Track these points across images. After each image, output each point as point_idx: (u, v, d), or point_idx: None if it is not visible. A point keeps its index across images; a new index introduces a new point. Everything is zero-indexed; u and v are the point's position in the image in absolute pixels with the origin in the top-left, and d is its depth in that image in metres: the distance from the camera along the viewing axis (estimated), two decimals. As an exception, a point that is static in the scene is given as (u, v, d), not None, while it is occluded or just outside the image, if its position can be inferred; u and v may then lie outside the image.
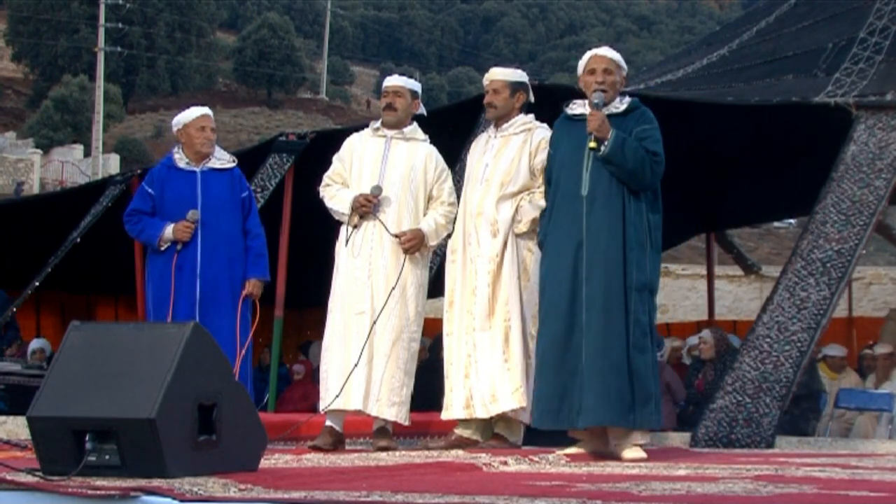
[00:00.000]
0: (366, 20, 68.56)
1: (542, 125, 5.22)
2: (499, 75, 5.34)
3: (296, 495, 2.70)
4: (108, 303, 13.11)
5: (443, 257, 5.68)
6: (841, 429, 8.35)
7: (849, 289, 12.34)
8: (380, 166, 5.36)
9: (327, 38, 57.82)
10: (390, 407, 5.15)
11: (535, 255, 5.05)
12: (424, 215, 5.37)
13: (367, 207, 5.26)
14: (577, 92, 4.92)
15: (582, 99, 4.83)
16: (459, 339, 5.15)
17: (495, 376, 5.02)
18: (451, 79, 60.63)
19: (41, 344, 10.75)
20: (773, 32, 10.38)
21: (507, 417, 5.08)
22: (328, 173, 5.51)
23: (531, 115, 5.34)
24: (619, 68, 4.82)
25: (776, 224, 30.56)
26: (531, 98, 5.36)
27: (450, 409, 5.16)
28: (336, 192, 5.41)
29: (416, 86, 5.56)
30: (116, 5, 41.50)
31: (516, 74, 5.39)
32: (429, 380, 5.92)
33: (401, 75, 5.70)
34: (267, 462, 3.84)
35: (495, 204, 5.15)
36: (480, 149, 5.35)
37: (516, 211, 5.14)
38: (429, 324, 5.72)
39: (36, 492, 2.75)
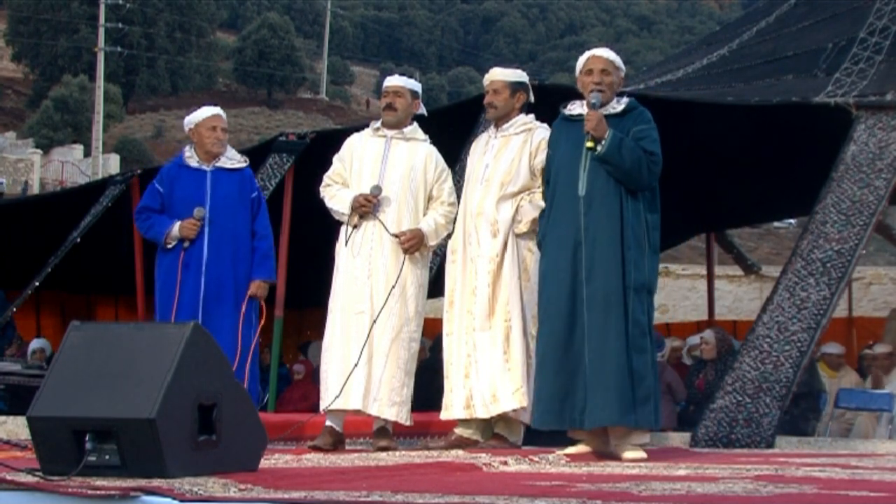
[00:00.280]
0: (366, 20, 68.56)
1: (543, 125, 5.21)
2: (499, 75, 5.34)
3: (296, 495, 2.70)
4: (108, 303, 13.11)
5: (443, 257, 5.68)
6: (841, 429, 8.35)
7: (849, 289, 12.33)
8: (380, 166, 5.37)
9: (327, 38, 57.81)
10: (390, 407, 5.14)
11: (535, 256, 5.04)
12: (424, 215, 5.38)
13: (366, 207, 5.26)
14: (577, 92, 4.92)
15: (581, 99, 4.84)
16: (459, 338, 5.15)
17: (496, 376, 5.01)
18: (451, 79, 60.64)
19: (41, 344, 10.74)
20: (773, 32, 10.38)
21: (508, 417, 5.08)
22: (328, 173, 5.51)
23: (531, 116, 5.34)
24: (617, 69, 4.82)
25: (776, 224, 30.56)
26: (531, 98, 5.36)
27: (449, 409, 5.15)
28: (336, 192, 5.41)
29: (416, 86, 5.56)
30: (116, 5, 41.49)
31: (516, 75, 5.39)
32: (429, 380, 5.92)
33: (401, 75, 5.70)
34: (267, 462, 3.84)
35: (495, 204, 5.15)
36: (480, 149, 5.35)
37: (516, 211, 5.13)
38: (429, 324, 5.72)
39: (36, 492, 2.75)
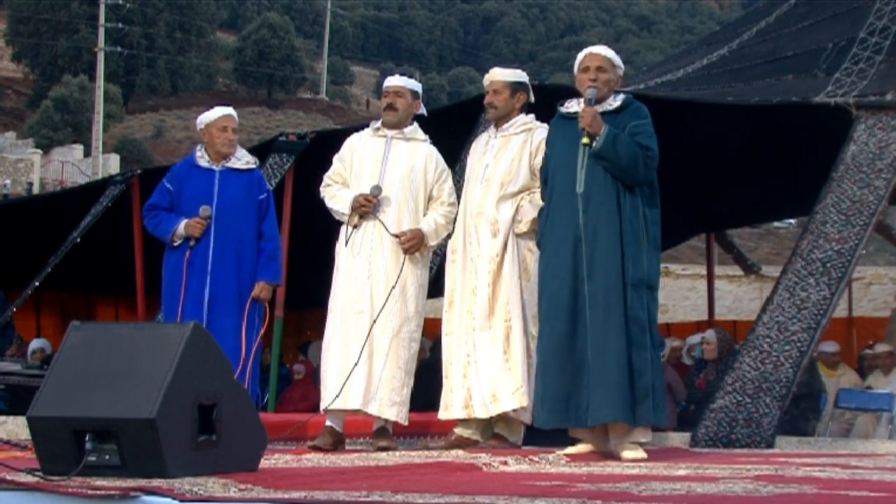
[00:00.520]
0: (366, 20, 68.55)
1: (543, 125, 5.21)
2: (499, 76, 5.34)
3: (296, 495, 2.70)
4: (108, 303, 13.12)
5: (443, 257, 5.67)
6: (841, 429, 8.35)
7: (849, 289, 12.34)
8: (380, 166, 5.37)
9: (327, 38, 57.79)
10: (391, 407, 5.14)
11: (535, 255, 5.04)
12: (424, 215, 5.37)
13: (367, 207, 5.26)
14: (577, 92, 4.92)
15: (578, 98, 4.83)
16: (459, 338, 5.15)
17: (496, 376, 5.01)
18: (451, 79, 60.62)
19: (41, 344, 10.74)
20: (773, 32, 10.38)
21: (508, 417, 5.08)
22: (328, 173, 5.51)
23: (531, 115, 5.34)
24: (614, 66, 4.82)
25: (776, 224, 30.56)
26: (531, 98, 5.36)
27: (448, 408, 5.15)
28: (336, 192, 5.41)
29: (416, 86, 5.56)
30: (116, 5, 41.47)
31: (517, 75, 5.39)
32: (429, 380, 5.91)
33: (401, 75, 5.70)
34: (267, 462, 3.84)
35: (495, 204, 5.15)
36: (480, 149, 5.35)
37: (516, 211, 5.14)
38: (429, 324, 5.72)
39: (36, 492, 2.75)
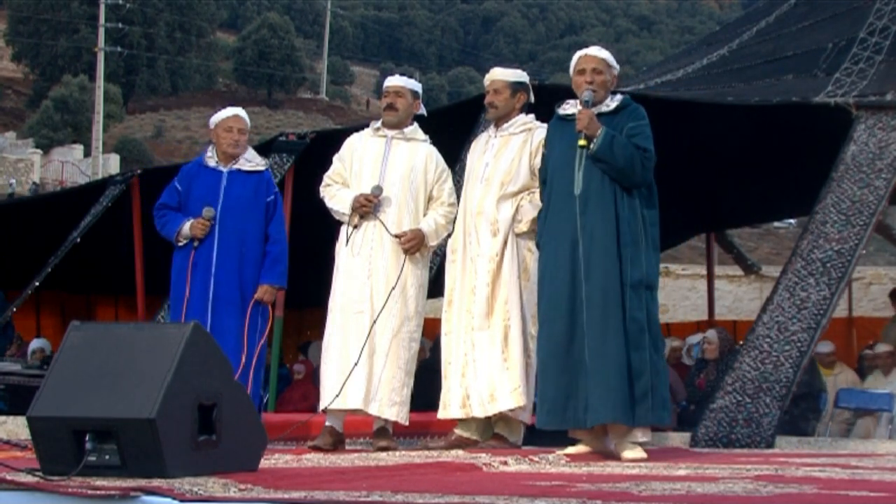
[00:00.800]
0: (366, 20, 68.56)
1: (543, 125, 5.21)
2: (499, 75, 5.34)
3: (296, 495, 2.70)
4: (108, 303, 13.12)
5: (443, 257, 5.67)
6: (841, 429, 8.35)
7: (849, 289, 12.33)
8: (380, 166, 5.37)
9: (327, 38, 57.81)
10: (391, 407, 5.14)
11: (534, 255, 5.04)
12: (424, 215, 5.37)
13: (367, 207, 5.26)
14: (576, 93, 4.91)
15: (576, 99, 4.83)
16: (458, 338, 5.15)
17: (494, 376, 5.01)
18: (451, 79, 60.63)
19: (41, 344, 10.74)
20: (773, 32, 10.38)
21: (508, 417, 5.08)
22: (328, 173, 5.51)
23: (532, 115, 5.34)
24: (609, 67, 4.81)
25: (776, 224, 30.55)
26: (531, 98, 5.36)
27: (447, 408, 5.15)
28: (336, 192, 5.41)
29: (416, 86, 5.56)
30: (116, 5, 41.49)
31: (517, 75, 5.39)
32: (429, 380, 5.91)
33: (401, 75, 5.70)
34: (267, 462, 3.84)
35: (495, 203, 5.15)
36: (480, 148, 5.35)
37: (516, 210, 5.14)
38: (429, 324, 5.72)
39: (36, 492, 2.75)
